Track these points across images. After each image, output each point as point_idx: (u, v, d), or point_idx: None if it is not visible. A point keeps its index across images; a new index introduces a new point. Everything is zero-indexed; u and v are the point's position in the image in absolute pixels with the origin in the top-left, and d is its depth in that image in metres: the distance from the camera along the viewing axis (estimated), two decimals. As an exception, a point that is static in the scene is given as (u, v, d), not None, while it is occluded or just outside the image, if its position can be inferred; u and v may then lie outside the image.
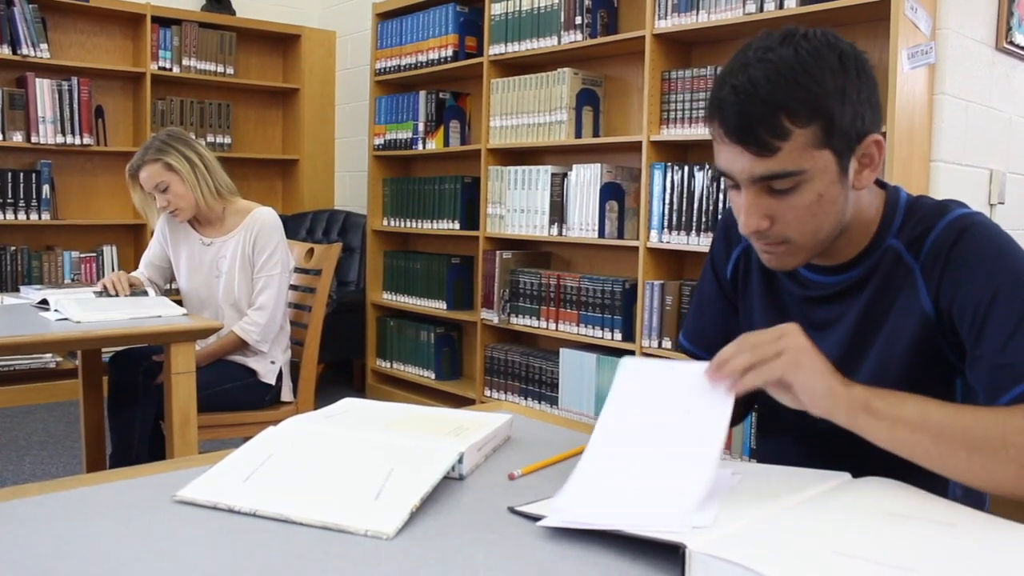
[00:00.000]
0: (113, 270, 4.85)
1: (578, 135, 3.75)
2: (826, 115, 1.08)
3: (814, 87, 1.08)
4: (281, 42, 5.68)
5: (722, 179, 1.16)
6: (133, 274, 2.98)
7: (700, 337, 1.45)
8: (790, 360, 1.04)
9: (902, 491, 0.99)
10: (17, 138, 4.57)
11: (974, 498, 1.23)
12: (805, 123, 1.08)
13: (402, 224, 4.68)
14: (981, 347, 1.11)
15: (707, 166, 3.20)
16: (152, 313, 2.46)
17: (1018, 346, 1.07)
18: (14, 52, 4.53)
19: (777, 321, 1.13)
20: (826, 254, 1.23)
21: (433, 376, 4.48)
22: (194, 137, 2.96)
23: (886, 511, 0.93)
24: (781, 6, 2.98)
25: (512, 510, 0.97)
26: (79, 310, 2.36)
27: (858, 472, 1.06)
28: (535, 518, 0.94)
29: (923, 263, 1.17)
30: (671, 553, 0.82)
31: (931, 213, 1.19)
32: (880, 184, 1.26)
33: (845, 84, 1.10)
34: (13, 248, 4.65)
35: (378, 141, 4.79)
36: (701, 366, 1.09)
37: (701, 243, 3.22)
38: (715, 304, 1.45)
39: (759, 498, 0.96)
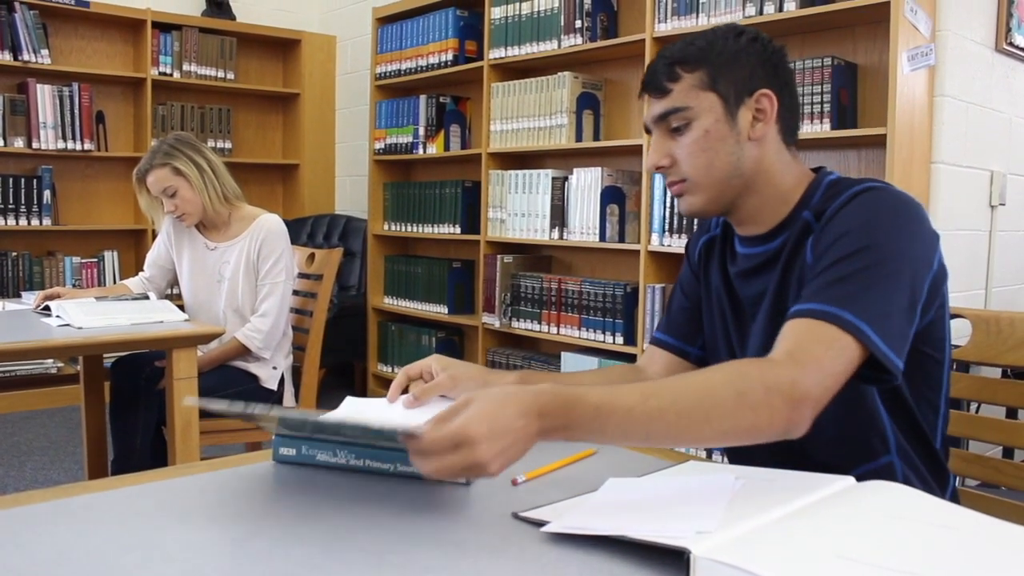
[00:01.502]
0: (115, 275, 4.88)
1: (578, 139, 3.75)
2: (712, 64, 1.28)
3: (704, 45, 1.29)
4: (281, 47, 5.68)
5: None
6: (126, 281, 2.98)
7: (670, 325, 1.53)
8: (471, 467, 0.91)
9: (905, 495, 0.99)
10: (18, 144, 4.58)
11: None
12: (692, 69, 1.28)
13: (403, 228, 4.68)
14: (819, 272, 1.18)
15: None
16: (154, 318, 2.45)
17: (823, 285, 1.15)
18: (15, 58, 4.53)
19: (720, 303, 1.40)
20: (747, 220, 1.34)
21: (435, 380, 4.47)
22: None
23: (889, 515, 0.92)
24: (781, 9, 2.98)
25: (516, 515, 0.97)
26: (81, 316, 2.36)
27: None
28: (539, 523, 0.93)
29: (820, 226, 1.25)
30: (676, 559, 0.82)
31: (844, 186, 1.27)
32: (815, 170, 1.35)
33: (736, 47, 1.29)
34: (14, 254, 4.66)
35: (378, 145, 4.80)
36: (691, 466, 1.15)
37: (702, 246, 3.22)
38: (686, 293, 1.52)
39: (762, 502, 0.96)
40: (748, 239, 1.36)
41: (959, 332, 1.61)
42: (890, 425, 1.28)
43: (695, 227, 3.20)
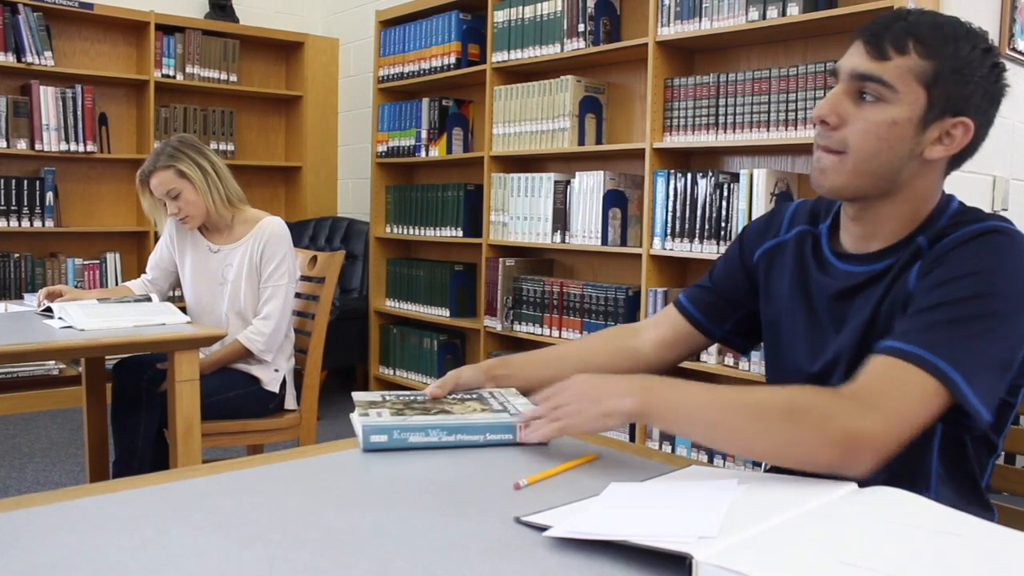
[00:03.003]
0: (117, 277, 4.89)
1: (581, 142, 3.76)
2: (942, 64, 1.17)
3: (949, 41, 1.18)
4: (284, 49, 5.69)
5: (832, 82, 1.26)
6: (129, 283, 2.98)
7: (696, 299, 1.51)
8: (567, 420, 1.19)
9: (909, 500, 0.98)
10: (21, 145, 4.58)
11: None
12: (923, 55, 1.17)
13: (405, 231, 4.68)
14: (913, 309, 1.15)
15: (710, 173, 3.20)
16: (156, 321, 2.45)
17: (922, 326, 1.11)
18: (18, 60, 4.54)
19: (803, 311, 1.32)
20: (868, 225, 1.26)
21: (436, 383, 4.47)
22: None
23: (893, 521, 0.92)
24: (784, 13, 2.98)
25: (519, 520, 0.97)
26: (83, 318, 2.36)
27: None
28: (542, 528, 0.93)
29: (931, 254, 1.19)
30: (678, 563, 0.82)
31: (969, 218, 1.21)
32: (945, 195, 1.28)
33: (973, 59, 1.18)
34: (17, 255, 4.66)
35: (381, 148, 4.80)
36: (693, 471, 1.14)
37: (704, 250, 3.22)
38: (720, 284, 1.50)
39: (765, 507, 0.96)
40: (851, 256, 1.29)
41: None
42: (937, 461, 1.23)
43: (699, 235, 3.21)
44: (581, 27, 3.68)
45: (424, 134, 4.51)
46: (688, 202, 3.26)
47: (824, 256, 1.33)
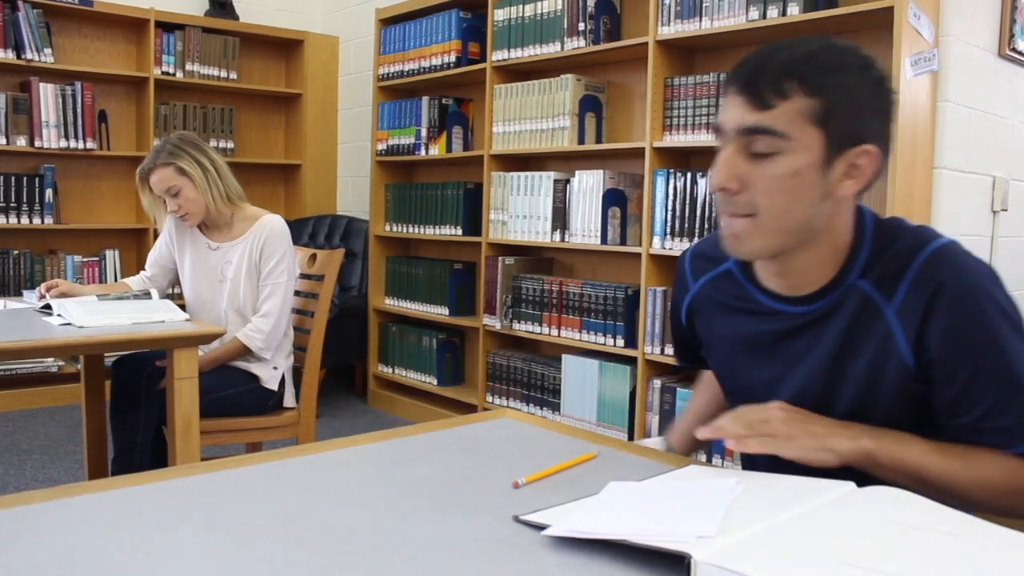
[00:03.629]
0: (116, 274, 4.89)
1: (581, 141, 3.75)
2: (830, 97, 1.10)
3: (830, 68, 1.11)
4: (284, 47, 5.68)
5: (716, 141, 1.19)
6: (128, 280, 2.98)
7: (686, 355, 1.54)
8: (782, 440, 1.12)
9: (908, 500, 0.99)
10: (21, 142, 4.58)
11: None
12: (807, 94, 1.10)
13: (404, 230, 4.68)
14: (964, 410, 1.15)
15: (710, 172, 3.20)
16: (156, 318, 2.45)
17: (1004, 409, 1.13)
18: (18, 57, 4.54)
19: (749, 358, 1.29)
20: (794, 276, 1.23)
21: (435, 382, 4.48)
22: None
23: (892, 520, 0.92)
24: (784, 13, 2.98)
25: (517, 519, 0.97)
26: (82, 315, 2.36)
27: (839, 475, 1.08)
28: (540, 527, 0.93)
29: (899, 309, 1.16)
30: (677, 563, 0.82)
31: (904, 251, 1.17)
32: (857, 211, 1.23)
33: (859, 83, 1.13)
34: (16, 252, 4.66)
35: (381, 146, 4.80)
36: (692, 470, 1.15)
37: (704, 249, 3.22)
38: (683, 340, 1.52)
39: (764, 507, 0.96)
40: (785, 298, 1.25)
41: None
42: None
43: (699, 234, 3.21)
44: (581, 26, 3.67)
45: (424, 132, 4.51)
46: (688, 201, 3.26)
47: (753, 297, 1.30)
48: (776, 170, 1.11)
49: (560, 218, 3.78)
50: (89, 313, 2.39)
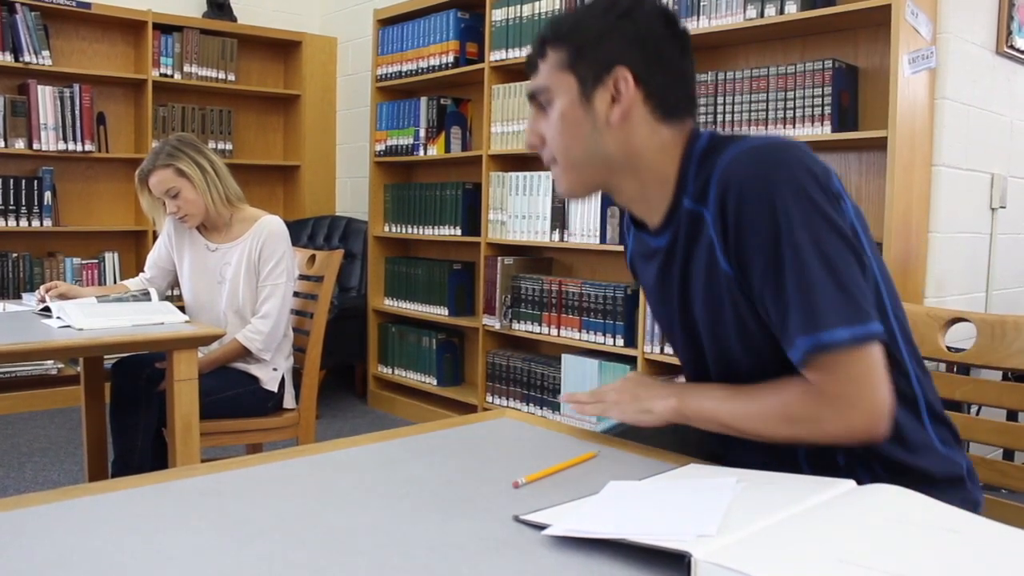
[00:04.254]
0: (115, 276, 4.88)
1: (579, 141, 3.75)
2: (575, 43, 1.26)
3: (571, 21, 1.27)
4: (282, 48, 5.68)
5: None
6: (127, 281, 2.98)
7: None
8: (610, 404, 1.31)
9: (907, 498, 0.99)
10: (19, 145, 4.57)
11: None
12: (557, 47, 1.27)
13: (403, 230, 4.68)
14: (768, 296, 1.15)
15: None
16: (155, 320, 2.45)
17: (796, 297, 1.11)
18: (16, 59, 4.54)
19: (658, 304, 1.37)
20: (635, 205, 1.32)
21: (435, 382, 4.48)
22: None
23: (891, 518, 0.92)
24: (782, 11, 2.98)
25: (517, 518, 0.97)
26: (82, 317, 2.36)
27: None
28: (541, 527, 0.93)
29: (713, 217, 1.19)
30: (677, 562, 0.82)
31: (717, 158, 1.19)
32: (693, 137, 1.27)
33: (603, 24, 1.25)
34: (15, 255, 4.66)
35: (379, 147, 4.80)
36: (692, 469, 1.16)
37: (703, 248, 3.22)
38: None
39: (764, 506, 0.96)
40: (646, 228, 1.33)
41: (960, 335, 1.61)
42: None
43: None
44: (579, 25, 3.67)
45: (422, 133, 4.51)
46: (686, 200, 3.26)
47: (643, 239, 1.36)
48: (552, 118, 1.28)
49: (559, 218, 3.78)
50: (88, 315, 2.39)
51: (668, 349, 3.34)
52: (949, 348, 1.52)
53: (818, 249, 1.10)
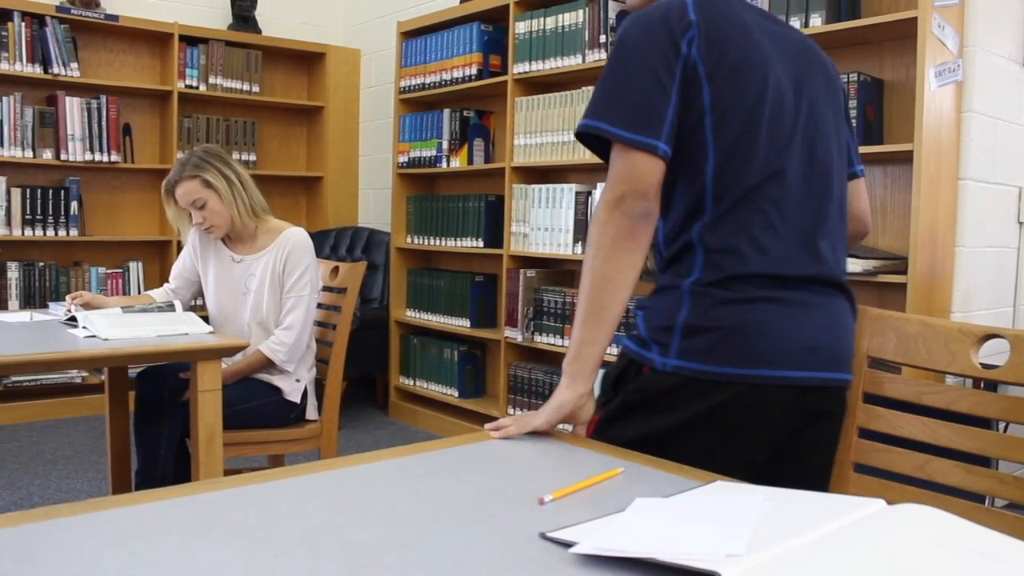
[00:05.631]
0: (139, 286, 4.92)
1: (602, 153, 3.75)
2: None
3: None
4: (306, 60, 5.72)
5: None
6: (151, 292, 2.99)
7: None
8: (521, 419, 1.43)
9: (939, 519, 0.97)
10: (47, 155, 4.63)
11: None
12: None
13: (426, 242, 4.69)
14: None
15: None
16: (179, 330, 2.47)
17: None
18: (45, 71, 4.59)
19: None
20: None
21: (456, 394, 4.48)
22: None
23: (922, 539, 0.91)
24: (807, 24, 2.97)
25: (544, 536, 0.96)
26: (107, 327, 2.38)
27: None
28: (568, 544, 0.93)
29: None
30: (705, 582, 0.81)
31: None
32: None
33: None
34: (41, 264, 4.70)
35: (402, 159, 4.81)
36: (718, 487, 1.14)
37: (726, 262, 3.20)
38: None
39: (792, 525, 0.95)
40: None
41: (993, 351, 1.59)
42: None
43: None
44: (602, 38, 3.68)
45: (445, 145, 4.52)
46: (710, 213, 3.25)
47: None
48: None
49: (582, 230, 3.77)
50: (114, 325, 2.40)
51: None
52: (982, 365, 1.50)
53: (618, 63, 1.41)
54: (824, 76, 1.54)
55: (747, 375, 1.37)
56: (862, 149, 2.86)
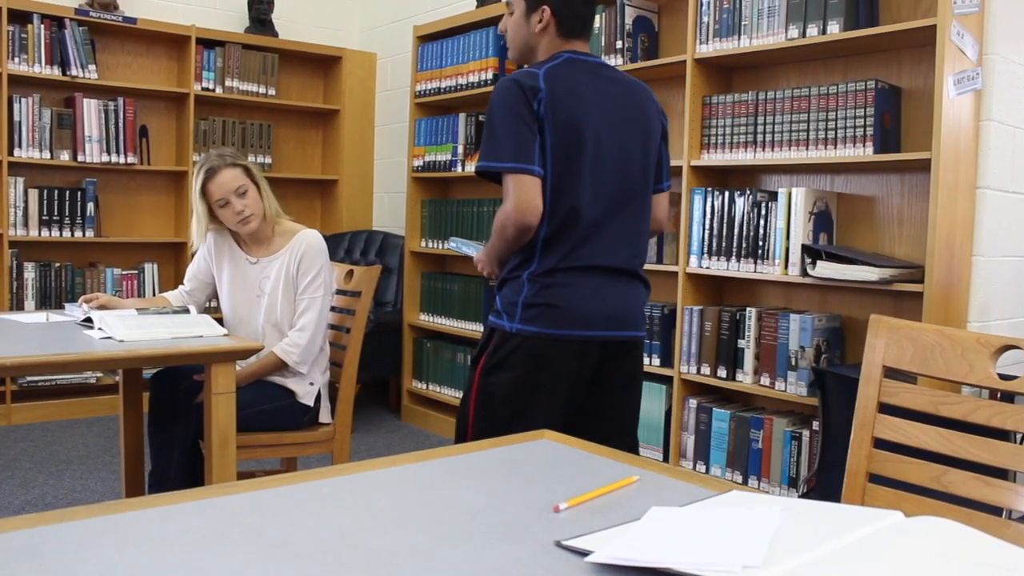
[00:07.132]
0: (154, 287, 4.94)
1: (617, 159, 3.74)
2: None
3: None
4: (322, 64, 5.74)
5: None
6: (166, 294, 2.99)
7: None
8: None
9: (958, 532, 0.96)
10: (64, 157, 4.66)
11: None
12: None
13: (440, 245, 4.69)
14: None
15: (748, 191, 3.18)
16: (194, 333, 2.48)
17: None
18: (63, 73, 4.62)
19: None
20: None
21: (469, 398, 4.47)
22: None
23: (940, 553, 0.90)
24: (824, 31, 2.96)
25: (559, 544, 0.96)
26: (122, 329, 2.39)
27: None
28: (583, 553, 0.92)
29: None
30: (722, 593, 0.81)
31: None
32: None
33: None
34: (58, 264, 4.73)
35: (417, 163, 4.82)
36: (734, 496, 1.13)
37: (741, 269, 3.20)
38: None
39: (809, 536, 0.94)
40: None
41: (1010, 360, 1.58)
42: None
43: (736, 253, 3.18)
44: (619, 44, 3.67)
45: (460, 149, 4.53)
46: (725, 220, 3.24)
47: None
48: (509, 22, 2.27)
49: (596, 235, 3.76)
50: (129, 327, 2.41)
51: (705, 369, 3.32)
52: (1000, 376, 1.49)
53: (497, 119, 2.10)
54: (637, 112, 2.21)
55: (568, 335, 2.10)
56: (879, 156, 2.86)
